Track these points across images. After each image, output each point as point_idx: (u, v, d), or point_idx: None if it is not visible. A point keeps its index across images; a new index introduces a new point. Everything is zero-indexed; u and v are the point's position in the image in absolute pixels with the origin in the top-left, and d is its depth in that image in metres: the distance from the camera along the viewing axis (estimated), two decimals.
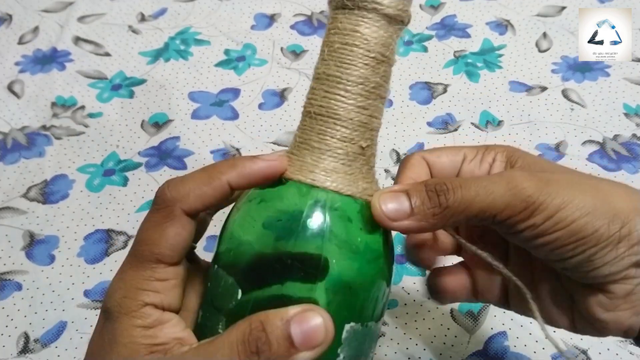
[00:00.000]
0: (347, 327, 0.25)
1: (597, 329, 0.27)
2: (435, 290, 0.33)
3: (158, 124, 0.61)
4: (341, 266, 0.25)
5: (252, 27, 0.71)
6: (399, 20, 0.25)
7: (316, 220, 0.25)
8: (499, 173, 0.28)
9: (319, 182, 0.25)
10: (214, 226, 0.30)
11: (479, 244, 0.28)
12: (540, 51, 0.67)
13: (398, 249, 0.48)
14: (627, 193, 0.25)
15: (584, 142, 0.58)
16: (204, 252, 0.44)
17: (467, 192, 0.25)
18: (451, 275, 0.33)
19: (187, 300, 0.27)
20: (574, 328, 0.29)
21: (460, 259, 0.34)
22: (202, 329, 0.26)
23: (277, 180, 0.26)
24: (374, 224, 0.26)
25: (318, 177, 0.25)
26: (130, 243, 0.50)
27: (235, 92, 0.64)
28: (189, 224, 0.25)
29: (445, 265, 0.34)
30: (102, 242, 0.51)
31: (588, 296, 0.26)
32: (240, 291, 0.25)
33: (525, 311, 0.31)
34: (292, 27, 0.71)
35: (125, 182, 0.55)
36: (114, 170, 0.56)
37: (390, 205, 0.26)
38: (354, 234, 0.26)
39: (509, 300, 0.32)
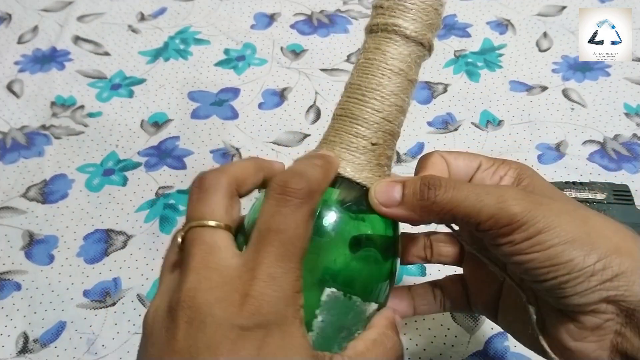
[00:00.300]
0: (327, 290, 0.26)
1: (564, 356, 0.27)
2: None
3: (158, 123, 0.61)
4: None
5: (252, 27, 0.71)
6: (418, 42, 0.29)
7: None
8: (495, 185, 0.29)
9: None
10: None
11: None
12: (540, 51, 0.67)
13: None
14: (614, 231, 0.26)
15: (585, 142, 0.58)
16: None
17: (457, 193, 0.26)
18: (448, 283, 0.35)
19: None
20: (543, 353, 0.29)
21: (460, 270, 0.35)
22: None
23: None
24: (370, 210, 0.28)
25: None
26: (130, 243, 0.50)
27: (235, 92, 0.64)
28: None
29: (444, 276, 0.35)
30: (101, 242, 0.51)
31: (559, 323, 0.27)
32: None
33: (509, 328, 0.32)
34: (292, 26, 0.71)
35: (124, 181, 0.55)
36: (114, 170, 0.56)
37: (383, 191, 0.27)
38: (346, 218, 0.28)
39: (497, 315, 0.32)
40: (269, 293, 0.22)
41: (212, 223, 0.24)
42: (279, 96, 0.63)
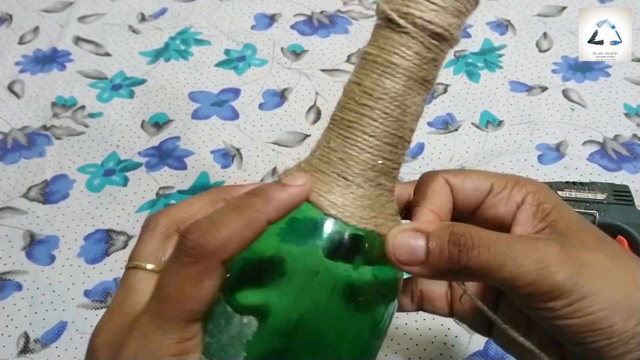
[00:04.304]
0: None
1: None
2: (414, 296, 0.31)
3: (158, 124, 0.61)
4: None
5: (253, 27, 0.71)
6: (437, 35, 0.25)
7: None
8: (533, 242, 0.25)
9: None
10: None
11: None
12: (540, 51, 0.67)
13: None
14: None
15: (585, 142, 0.58)
16: None
17: (494, 257, 0.23)
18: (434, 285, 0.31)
19: None
20: None
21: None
22: None
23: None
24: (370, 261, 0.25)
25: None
26: (131, 243, 0.50)
27: (236, 92, 0.64)
28: (223, 271, 0.23)
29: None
30: (102, 242, 0.51)
31: None
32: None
33: (506, 347, 0.30)
34: (292, 27, 0.71)
35: (125, 182, 0.55)
36: (114, 170, 0.56)
37: (404, 246, 0.24)
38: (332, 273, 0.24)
39: (492, 332, 0.31)
40: (134, 350, 0.22)
41: (135, 264, 0.25)
42: (280, 96, 0.63)
